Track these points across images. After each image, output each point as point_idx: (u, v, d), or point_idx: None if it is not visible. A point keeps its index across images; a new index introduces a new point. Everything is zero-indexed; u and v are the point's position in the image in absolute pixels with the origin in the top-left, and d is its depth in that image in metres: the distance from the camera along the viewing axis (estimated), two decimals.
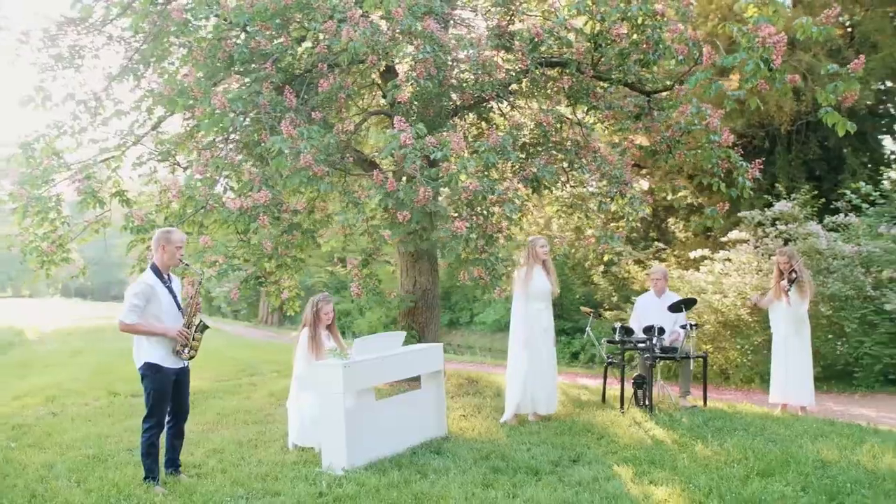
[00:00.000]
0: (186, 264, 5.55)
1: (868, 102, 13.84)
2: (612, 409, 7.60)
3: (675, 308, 7.60)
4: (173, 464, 5.49)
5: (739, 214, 11.88)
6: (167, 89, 7.91)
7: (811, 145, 14.66)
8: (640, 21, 7.39)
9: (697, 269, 12.04)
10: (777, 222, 11.07)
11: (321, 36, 7.96)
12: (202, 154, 7.63)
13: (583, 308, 8.35)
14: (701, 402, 7.75)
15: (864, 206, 10.98)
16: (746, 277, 10.98)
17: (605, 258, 12.47)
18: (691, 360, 7.73)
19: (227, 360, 14.40)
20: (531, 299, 7.24)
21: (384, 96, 9.71)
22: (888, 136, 15.90)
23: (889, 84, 14.94)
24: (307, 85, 8.55)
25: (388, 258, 10.99)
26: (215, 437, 6.96)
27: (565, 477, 5.16)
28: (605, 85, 8.62)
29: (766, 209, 11.41)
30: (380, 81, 9.85)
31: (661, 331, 7.50)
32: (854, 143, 14.41)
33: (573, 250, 14.72)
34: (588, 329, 8.04)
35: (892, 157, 15.93)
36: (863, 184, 11.15)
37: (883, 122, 15.68)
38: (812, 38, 6.47)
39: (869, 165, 14.97)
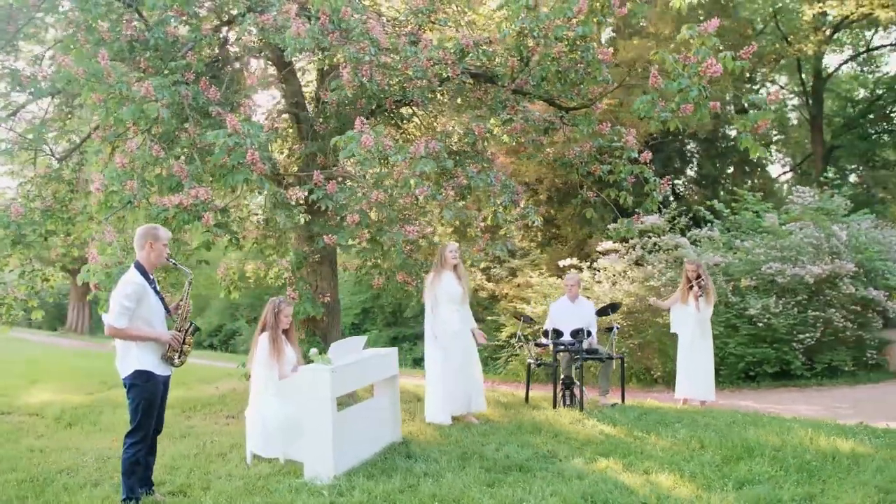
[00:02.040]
0: (174, 263, 5.10)
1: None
2: (538, 409, 7.96)
3: (601, 312, 8.13)
4: (147, 482, 5.01)
5: (610, 227, 12.88)
6: (79, 71, 7.15)
7: (678, 164, 16.23)
8: (576, 42, 7.84)
9: (562, 277, 12.90)
10: (647, 234, 12.14)
11: (245, 27, 7.65)
12: (128, 144, 6.97)
13: (514, 314, 8.63)
14: (619, 400, 8.33)
15: (717, 221, 12.38)
16: (618, 284, 11.93)
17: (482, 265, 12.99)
18: (613, 361, 8.29)
19: (79, 371, 13.11)
20: (442, 303, 7.38)
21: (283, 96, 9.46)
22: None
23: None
24: (228, 78, 8.16)
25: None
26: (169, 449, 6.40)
27: (563, 471, 5.36)
28: (519, 98, 9.02)
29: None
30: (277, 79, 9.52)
31: (589, 333, 7.98)
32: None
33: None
34: (519, 333, 8.35)
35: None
36: (716, 201, 12.59)
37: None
38: (729, 70, 7.27)
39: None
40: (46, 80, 9.00)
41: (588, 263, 12.85)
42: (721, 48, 7.11)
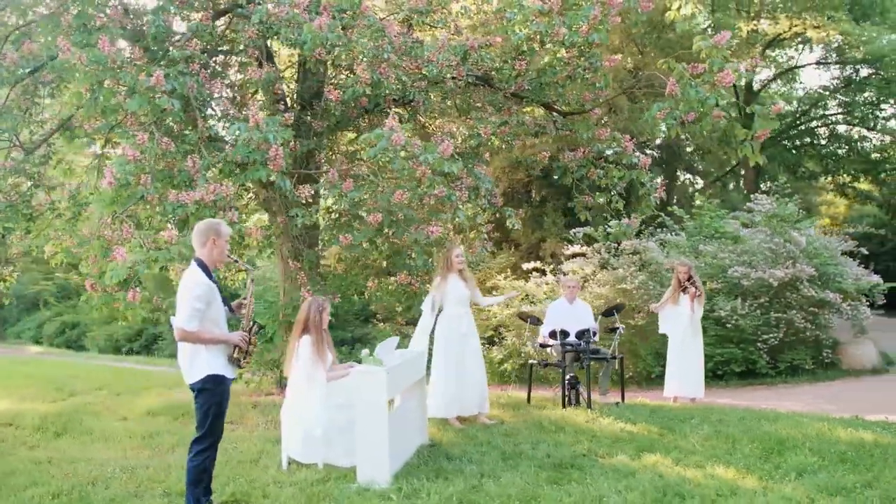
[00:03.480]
0: (236, 260, 4.89)
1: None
2: (545, 409, 8.06)
3: (608, 313, 8.31)
4: (208, 491, 4.76)
5: (573, 231, 13.17)
6: (81, 58, 6.74)
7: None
8: (582, 49, 7.99)
9: (527, 280, 13.10)
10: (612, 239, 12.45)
11: (254, 19, 7.44)
12: (139, 137, 6.61)
13: (519, 315, 8.68)
14: (619, 399, 8.51)
15: (677, 226, 12.88)
16: (587, 287, 12.19)
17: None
18: (615, 361, 8.48)
19: (29, 379, 12.30)
20: (448, 306, 7.44)
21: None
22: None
23: None
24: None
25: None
26: (175, 460, 6.07)
27: (616, 468, 5.44)
28: (515, 102, 9.12)
29: (600, 226, 12.79)
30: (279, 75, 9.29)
31: (595, 333, 8.14)
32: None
33: None
34: (528, 333, 8.43)
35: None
36: (676, 207, 13.09)
37: None
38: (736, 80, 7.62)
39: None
40: (13, 65, 8.43)
41: (550, 267, 13.07)
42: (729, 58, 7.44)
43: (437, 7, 9.00)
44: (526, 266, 13.17)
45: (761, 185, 13.96)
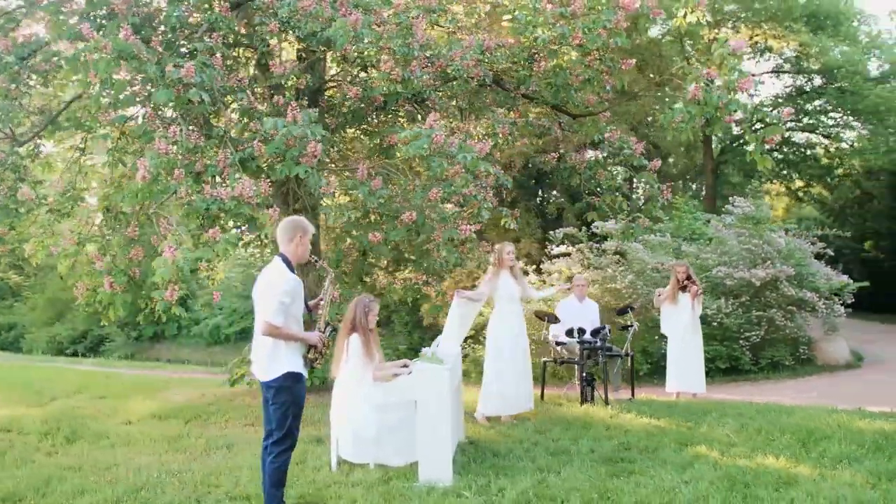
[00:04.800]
0: (317, 259, 4.80)
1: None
2: (562, 406, 8.18)
3: (622, 311, 8.50)
4: None
5: (553, 232, 13.40)
6: (106, 47, 6.50)
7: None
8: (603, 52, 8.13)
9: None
10: (596, 239, 12.73)
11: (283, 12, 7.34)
12: (170, 130, 6.41)
13: (536, 314, 8.76)
14: (630, 395, 8.71)
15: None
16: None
17: None
18: (628, 358, 8.67)
19: (5, 383, 11.73)
20: (500, 303, 7.52)
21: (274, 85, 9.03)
22: None
23: None
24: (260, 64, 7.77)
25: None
26: (217, 463, 5.92)
27: (668, 460, 5.58)
28: (525, 103, 9.21)
29: (583, 227, 13.05)
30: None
31: (610, 331, 8.32)
32: None
33: None
34: (545, 332, 8.53)
35: None
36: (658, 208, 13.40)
37: None
38: None
39: None
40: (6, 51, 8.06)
41: (534, 266, 13.24)
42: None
43: (448, 6, 9.01)
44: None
45: (719, 188, 14.45)
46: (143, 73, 6.77)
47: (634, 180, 9.08)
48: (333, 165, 8.45)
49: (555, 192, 18.93)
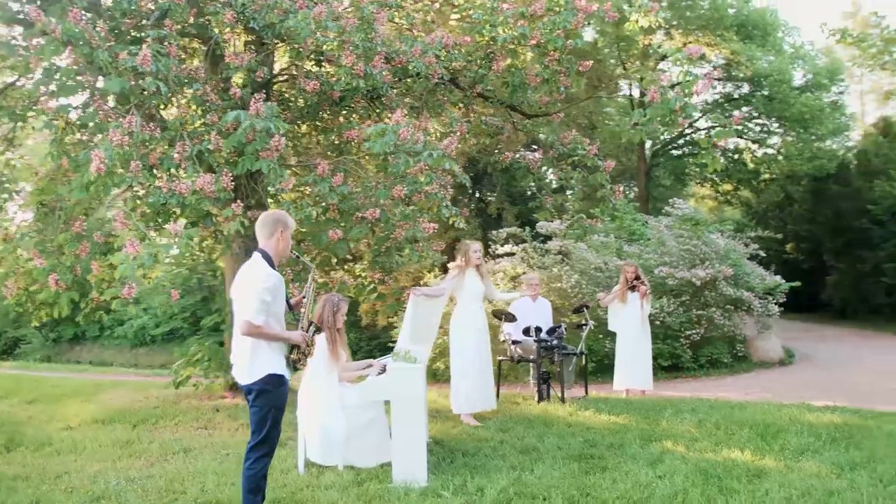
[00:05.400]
0: (297, 255, 4.64)
1: None
2: (519, 404, 8.22)
3: (578, 310, 8.58)
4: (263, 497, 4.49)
5: (496, 232, 13.49)
6: (55, 30, 6.17)
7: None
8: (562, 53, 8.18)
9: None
10: (540, 239, 12.86)
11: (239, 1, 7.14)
12: (126, 120, 6.10)
13: (494, 313, 8.74)
14: (583, 393, 8.81)
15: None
16: (519, 287, 12.48)
17: None
18: (582, 357, 8.77)
19: None
20: (464, 301, 7.50)
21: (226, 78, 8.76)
22: None
23: None
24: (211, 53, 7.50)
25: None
26: (179, 468, 5.67)
27: (637, 456, 5.66)
28: (479, 102, 9.20)
29: (526, 227, 13.17)
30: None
31: (565, 330, 8.39)
32: None
33: None
34: (503, 331, 8.54)
35: None
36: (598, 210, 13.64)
37: None
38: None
39: None
40: None
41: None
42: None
43: (403, 2, 8.91)
44: (451, 265, 13.31)
45: (650, 191, 14.88)
46: (91, 59, 6.44)
47: (573, 180, 9.07)
48: (291, 161, 8.24)
49: (494, 193, 19.05)
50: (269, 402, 4.25)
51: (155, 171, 6.46)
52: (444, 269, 14.60)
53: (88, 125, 6.73)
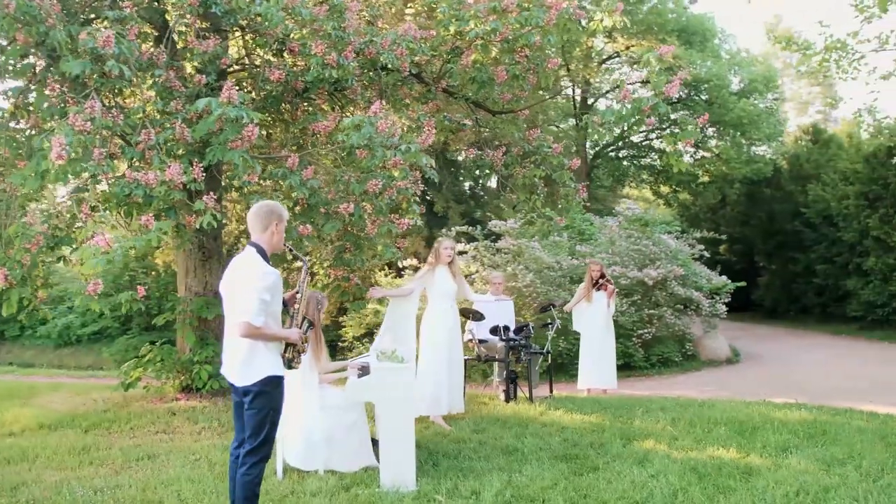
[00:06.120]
0: (291, 249, 4.39)
1: None
2: (487, 404, 8.12)
3: (544, 309, 8.53)
4: None
5: (446, 230, 13.39)
6: (8, 6, 5.72)
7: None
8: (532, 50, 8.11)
9: (400, 276, 13.22)
10: (491, 238, 12.84)
11: None
12: (88, 104, 5.70)
13: (461, 311, 8.59)
14: (549, 392, 8.77)
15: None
16: (474, 285, 12.41)
17: None
18: (548, 356, 8.73)
19: None
20: (436, 300, 7.36)
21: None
22: None
23: None
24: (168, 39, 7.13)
25: None
26: (148, 476, 5.32)
27: (622, 455, 5.63)
28: (443, 98, 9.05)
29: (477, 226, 13.13)
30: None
31: (533, 329, 8.33)
32: None
33: None
34: (471, 329, 8.40)
35: None
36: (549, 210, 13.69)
37: None
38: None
39: None
40: None
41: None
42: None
43: None
44: (402, 263, 13.16)
45: (591, 192, 15.09)
46: (43, 40, 6.01)
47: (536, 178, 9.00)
48: (257, 152, 7.90)
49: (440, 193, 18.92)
50: (269, 403, 4.02)
51: (114, 160, 6.08)
52: (396, 268, 14.47)
53: (35, 110, 6.27)
